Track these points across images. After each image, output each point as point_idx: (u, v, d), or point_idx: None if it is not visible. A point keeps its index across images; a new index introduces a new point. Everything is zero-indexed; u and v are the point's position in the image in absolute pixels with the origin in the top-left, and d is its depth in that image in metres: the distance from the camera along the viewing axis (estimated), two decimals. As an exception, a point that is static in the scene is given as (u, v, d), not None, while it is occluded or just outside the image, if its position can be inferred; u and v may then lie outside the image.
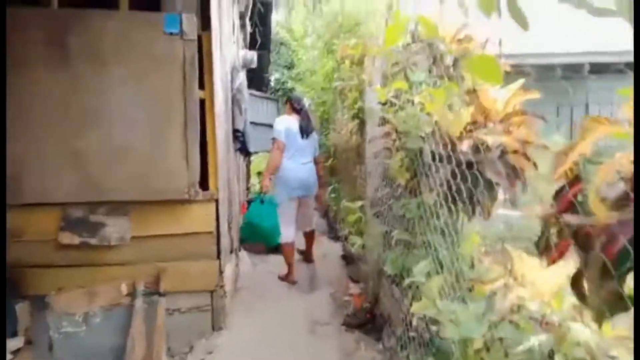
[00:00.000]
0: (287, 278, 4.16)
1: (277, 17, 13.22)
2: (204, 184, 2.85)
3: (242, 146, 3.74)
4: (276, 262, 4.76)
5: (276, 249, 5.17)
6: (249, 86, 10.03)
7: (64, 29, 2.51)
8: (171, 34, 2.62)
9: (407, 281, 1.86)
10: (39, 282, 2.59)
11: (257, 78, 10.52)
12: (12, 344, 2.48)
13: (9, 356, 2.44)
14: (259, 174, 8.75)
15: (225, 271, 3.05)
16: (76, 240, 2.61)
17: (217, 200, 2.86)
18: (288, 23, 11.58)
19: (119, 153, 2.62)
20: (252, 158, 9.11)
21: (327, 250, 5.24)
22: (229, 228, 3.31)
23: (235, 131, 3.63)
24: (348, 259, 4.59)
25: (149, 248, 2.75)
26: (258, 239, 4.78)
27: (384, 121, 2.97)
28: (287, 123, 4.05)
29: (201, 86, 2.79)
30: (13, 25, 2.45)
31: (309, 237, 4.59)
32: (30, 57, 2.48)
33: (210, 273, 2.84)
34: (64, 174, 2.58)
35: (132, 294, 2.58)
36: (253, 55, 5.01)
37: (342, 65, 3.37)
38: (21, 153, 2.51)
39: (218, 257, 2.88)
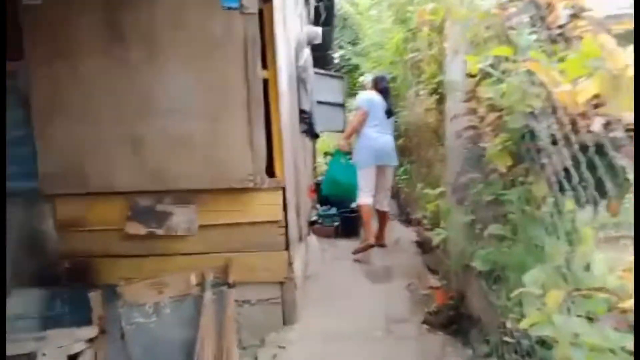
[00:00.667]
0: (364, 247, 4.17)
1: (340, -8, 12.81)
2: (269, 170, 2.66)
3: (308, 128, 3.51)
4: (345, 247, 4.56)
5: (345, 232, 4.97)
6: (314, 64, 9.82)
7: (118, 9, 2.38)
8: (229, 8, 2.40)
9: (515, 292, 1.53)
10: (107, 272, 2.57)
11: (321, 56, 10.24)
12: (86, 332, 2.48)
13: (84, 345, 2.43)
14: (326, 154, 8.55)
15: (295, 262, 2.87)
16: (143, 230, 2.54)
17: (284, 188, 2.66)
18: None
19: (181, 140, 2.49)
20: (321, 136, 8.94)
21: (399, 235, 4.94)
22: (297, 216, 3.12)
23: (301, 112, 3.39)
24: (424, 246, 4.26)
25: (215, 238, 2.63)
26: (340, 193, 4.79)
27: (471, 96, 2.58)
28: (372, 96, 4.22)
29: (264, 65, 2.56)
30: (70, 9, 2.36)
31: (382, 217, 4.44)
32: (87, 42, 2.39)
33: (278, 265, 2.67)
34: (127, 162, 2.50)
35: (201, 285, 2.47)
36: (317, 31, 4.72)
37: (418, 35, 2.99)
38: (82, 141, 2.46)
39: (287, 247, 2.69)
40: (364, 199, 4.22)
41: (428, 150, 4.16)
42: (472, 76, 2.36)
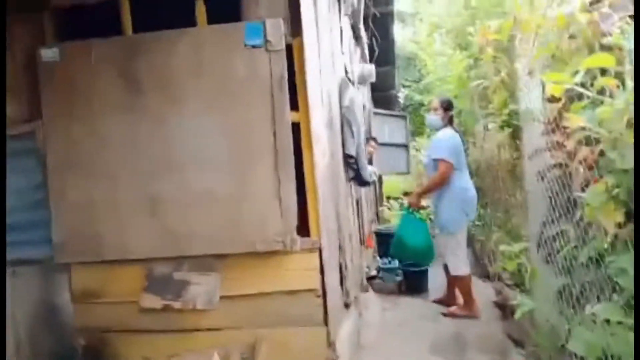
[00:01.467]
0: (466, 312, 3.56)
1: (404, 33, 12.58)
2: (303, 228, 2.24)
3: (356, 174, 3.07)
4: (409, 308, 3.92)
5: (409, 289, 4.34)
6: (376, 105, 9.49)
7: (134, 57, 2.17)
8: (253, 46, 2.10)
9: None
10: (124, 349, 2.26)
11: (384, 96, 9.90)
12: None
13: None
14: (389, 198, 8.00)
15: (340, 335, 2.37)
16: (158, 303, 2.21)
17: (320, 249, 2.21)
18: (416, 36, 10.80)
19: (201, 196, 2.17)
20: (383, 179, 8.44)
21: (475, 292, 4.20)
22: (342, 279, 2.63)
23: (347, 157, 2.98)
24: (505, 309, 3.52)
25: (241, 310, 2.23)
26: (405, 257, 4.02)
27: (554, 126, 2.01)
28: (453, 137, 3.42)
29: (294, 106, 2.21)
30: (87, 63, 2.20)
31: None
32: (103, 96, 2.20)
33: (316, 344, 2.18)
34: (143, 225, 2.21)
35: (227, 365, 2.06)
36: (371, 69, 4.38)
37: (483, 57, 2.50)
38: (97, 203, 2.23)
39: (325, 321, 2.21)
40: (464, 268, 3.53)
41: (503, 193, 3.51)
42: (554, 101, 1.81)
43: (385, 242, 4.97)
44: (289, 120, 2.12)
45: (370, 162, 6.09)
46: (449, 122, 3.52)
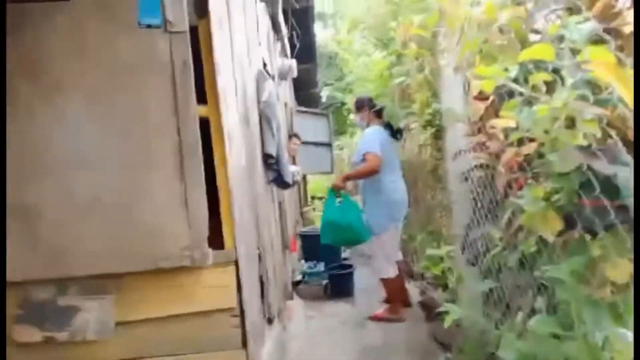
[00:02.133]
0: (392, 315, 3.51)
1: (325, 32, 12.54)
2: (216, 239, 1.97)
3: (276, 176, 2.83)
4: (336, 314, 3.79)
5: (335, 292, 4.21)
6: (298, 103, 9.32)
7: (-3, 34, 1.75)
8: (149, 26, 1.78)
9: None
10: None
11: (306, 94, 9.76)
12: None
13: None
14: (313, 198, 7.87)
15: (262, 356, 2.13)
16: (37, 335, 1.80)
17: (236, 262, 1.95)
18: (337, 35, 10.79)
19: (86, 207, 1.80)
20: (307, 178, 8.28)
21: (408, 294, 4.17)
22: (263, 293, 2.39)
23: (266, 157, 2.74)
24: (429, 309, 3.51)
25: (143, 338, 1.90)
26: (341, 239, 3.64)
27: (480, 126, 1.94)
28: (379, 132, 3.37)
29: (202, 99, 1.93)
30: None
31: (402, 270, 3.76)
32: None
33: (234, 371, 1.92)
34: (15, 242, 1.79)
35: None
36: (292, 63, 4.17)
37: (405, 54, 2.39)
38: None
39: (244, 344, 1.96)
40: (391, 270, 3.46)
41: (425, 193, 3.49)
42: (480, 99, 1.72)
43: (310, 245, 4.81)
44: (195, 115, 1.83)
45: (293, 161, 5.89)
46: (376, 117, 3.47)
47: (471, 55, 1.86)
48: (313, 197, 7.92)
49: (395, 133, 3.45)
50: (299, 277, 4.38)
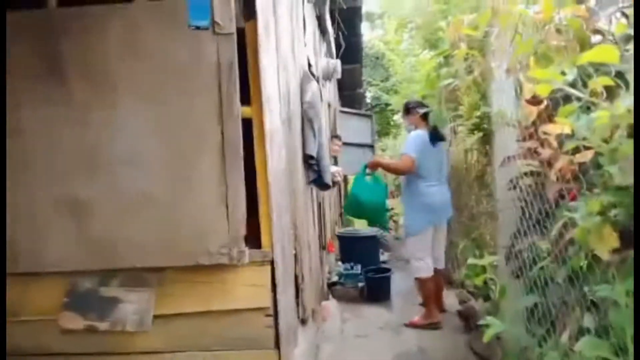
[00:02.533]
0: (427, 320, 3.46)
1: (372, 33, 12.45)
2: (254, 238, 1.98)
3: (316, 177, 2.82)
4: (372, 317, 3.74)
5: (372, 296, 4.14)
6: (342, 104, 9.29)
7: (56, 35, 1.84)
8: (197, 28, 1.81)
9: None
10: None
11: (350, 95, 9.72)
12: None
13: None
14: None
15: (294, 357, 2.13)
16: (80, 323, 1.88)
17: (272, 262, 1.95)
18: (384, 35, 10.68)
19: (133, 202, 1.86)
20: (348, 179, 8.23)
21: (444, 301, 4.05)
22: (298, 293, 2.39)
23: (307, 157, 2.73)
24: (469, 320, 3.38)
25: (179, 332, 1.94)
26: (363, 215, 4.04)
27: (531, 132, 1.84)
28: (418, 136, 3.43)
29: (246, 100, 1.94)
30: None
31: (441, 277, 3.74)
32: (14, 80, 1.83)
33: (265, 370, 1.92)
34: (64, 233, 1.88)
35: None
36: (337, 64, 4.15)
37: (454, 55, 2.31)
38: (13, 207, 1.86)
39: (277, 344, 1.96)
40: (425, 271, 3.45)
41: (470, 199, 3.37)
42: (534, 103, 1.62)
43: (348, 246, 4.77)
44: (238, 115, 1.85)
45: (335, 162, 5.88)
46: (423, 121, 3.46)
47: (525, 57, 1.76)
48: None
49: (437, 138, 3.45)
50: (335, 278, 4.36)
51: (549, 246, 1.93)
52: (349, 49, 7.09)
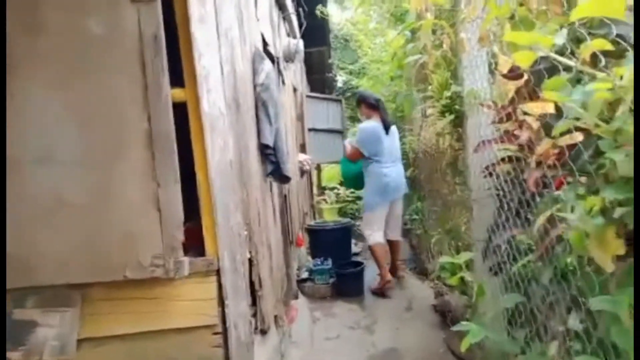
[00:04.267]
0: (383, 285, 3.90)
1: (343, 15, 12.06)
2: (196, 244, 1.70)
3: (274, 168, 2.54)
4: (343, 317, 3.53)
5: (343, 292, 3.94)
6: (312, 89, 8.97)
7: None
8: (113, -7, 1.50)
9: None
10: None
11: (319, 79, 9.39)
12: None
13: None
14: (324, 189, 7.57)
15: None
16: (-13, 355, 1.57)
17: (218, 271, 1.68)
18: (354, 16, 10.34)
19: (47, 209, 1.55)
20: (322, 167, 7.98)
21: (412, 293, 3.88)
22: (256, 302, 2.13)
23: (264, 147, 2.45)
24: (444, 314, 3.21)
25: (110, 356, 1.65)
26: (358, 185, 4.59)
27: (509, 112, 1.61)
28: (367, 128, 3.97)
29: (178, 81, 1.65)
30: None
31: (395, 247, 4.21)
32: None
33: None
34: (-40, 248, 1.55)
35: None
36: (298, 43, 3.84)
37: (421, 29, 2.05)
38: None
39: (227, 366, 1.70)
40: (377, 238, 3.94)
41: (443, 187, 3.16)
42: (512, 78, 1.39)
43: (319, 240, 4.53)
44: (167, 98, 1.55)
45: (302, 149, 5.60)
46: (372, 111, 3.99)
47: (500, 24, 1.52)
48: (325, 188, 7.61)
49: (387, 126, 3.97)
50: (305, 275, 4.12)
51: (530, 241, 1.73)
52: (315, 30, 6.75)
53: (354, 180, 4.46)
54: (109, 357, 1.66)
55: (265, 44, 2.98)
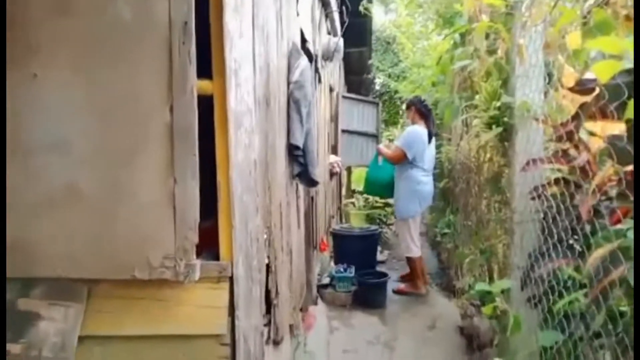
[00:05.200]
0: (414, 289, 4.00)
1: (387, 16, 11.84)
2: (211, 246, 1.60)
3: (302, 171, 2.42)
4: (362, 328, 3.38)
5: (364, 302, 3.78)
6: (349, 90, 8.81)
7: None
8: (142, -24, 1.40)
9: None
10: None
11: (357, 80, 9.22)
12: None
13: None
14: (354, 192, 7.40)
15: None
16: (-12, 344, 1.51)
17: (231, 278, 1.57)
18: (398, 18, 10.11)
19: (58, 199, 1.47)
20: (351, 170, 7.81)
21: (438, 311, 3.68)
22: (271, 311, 2.01)
23: (293, 148, 2.32)
24: (471, 338, 3.00)
25: (111, 357, 1.57)
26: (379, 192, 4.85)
27: (569, 130, 1.42)
28: (413, 132, 3.93)
29: (207, 73, 1.54)
30: None
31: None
32: None
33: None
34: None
35: None
36: (338, 41, 3.70)
37: (472, 31, 1.88)
38: None
39: (233, 381, 1.58)
40: (417, 252, 3.97)
41: (480, 202, 2.95)
42: (580, 92, 1.21)
43: (342, 246, 4.39)
44: (193, 90, 1.44)
45: (334, 151, 5.46)
46: (420, 117, 3.97)
47: (562, 31, 1.34)
48: (354, 191, 7.44)
49: (431, 135, 3.99)
50: (326, 280, 3.98)
51: (579, 276, 1.54)
52: (357, 30, 6.60)
53: (382, 187, 4.38)
54: (111, 357, 1.58)
55: (303, 40, 2.86)
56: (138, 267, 1.47)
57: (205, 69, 1.56)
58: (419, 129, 3.92)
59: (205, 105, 1.56)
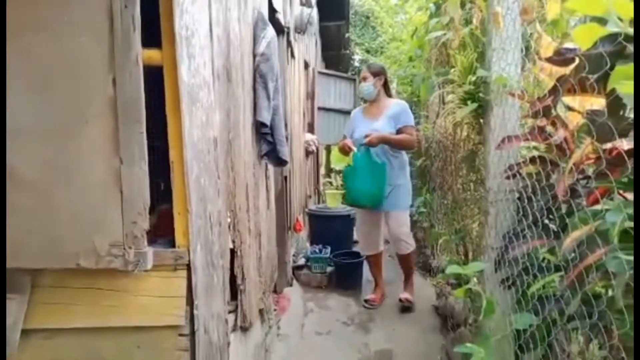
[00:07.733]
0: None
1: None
2: (167, 234, 1.48)
3: (270, 149, 2.29)
4: (338, 309, 3.33)
5: (340, 283, 3.73)
6: (327, 65, 8.60)
7: None
8: None
9: None
10: None
11: (335, 56, 9.01)
12: None
13: None
14: (331, 171, 7.31)
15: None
16: None
17: (189, 265, 1.46)
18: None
19: (-12, 179, 1.33)
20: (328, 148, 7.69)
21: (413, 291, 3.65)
22: (237, 295, 1.92)
23: (260, 125, 2.19)
24: (446, 318, 2.99)
25: (59, 352, 1.46)
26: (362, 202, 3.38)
27: (546, 106, 1.34)
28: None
29: (155, 41, 1.39)
30: None
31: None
32: None
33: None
34: None
35: None
36: (312, 12, 3.53)
37: (448, 0, 1.76)
38: None
39: (192, 374, 1.49)
40: (412, 242, 3.48)
41: (455, 182, 2.89)
42: (560, 62, 1.11)
43: (318, 226, 4.31)
44: (138, 60, 1.30)
45: (310, 129, 5.33)
46: (385, 91, 3.41)
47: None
48: (331, 170, 7.35)
49: None
50: (302, 261, 3.91)
51: (554, 257, 1.48)
52: (335, 4, 6.40)
53: (372, 195, 3.25)
54: (61, 351, 1.46)
55: (273, 10, 2.69)
56: (83, 255, 1.35)
57: (156, 38, 1.41)
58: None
59: (158, 78, 1.42)
